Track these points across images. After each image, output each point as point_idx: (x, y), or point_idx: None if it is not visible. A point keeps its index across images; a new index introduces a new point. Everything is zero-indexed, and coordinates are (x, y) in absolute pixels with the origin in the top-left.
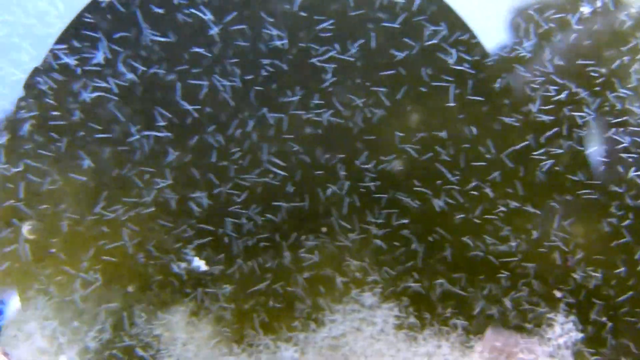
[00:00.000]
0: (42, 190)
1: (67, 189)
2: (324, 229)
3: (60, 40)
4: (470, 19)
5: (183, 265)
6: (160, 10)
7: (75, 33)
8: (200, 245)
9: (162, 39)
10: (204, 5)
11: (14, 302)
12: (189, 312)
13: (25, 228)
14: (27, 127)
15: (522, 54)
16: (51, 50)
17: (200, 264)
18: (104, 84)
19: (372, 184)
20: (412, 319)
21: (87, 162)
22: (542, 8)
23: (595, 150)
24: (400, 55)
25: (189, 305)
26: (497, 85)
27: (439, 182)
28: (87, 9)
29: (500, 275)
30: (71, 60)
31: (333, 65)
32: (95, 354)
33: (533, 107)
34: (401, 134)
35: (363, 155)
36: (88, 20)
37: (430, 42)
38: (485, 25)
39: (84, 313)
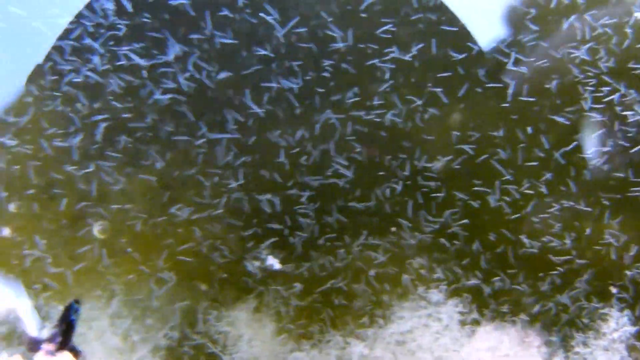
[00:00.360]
0: (113, 191)
1: (138, 190)
2: (393, 228)
3: (129, 41)
4: (525, 23)
5: (257, 263)
6: (226, 12)
7: (144, 34)
8: (272, 245)
9: (228, 41)
10: (269, 5)
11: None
12: (255, 309)
13: (97, 228)
14: (101, 128)
15: (575, 55)
16: (121, 51)
17: (274, 262)
18: (173, 85)
19: (433, 182)
20: (475, 315)
21: (158, 163)
22: (597, 13)
23: None
24: (458, 56)
25: (256, 302)
26: (550, 85)
27: (496, 181)
28: (154, 9)
29: (556, 272)
30: (141, 61)
31: (392, 66)
32: (167, 351)
33: (585, 106)
34: (458, 134)
35: (423, 154)
36: (155, 20)
37: (488, 44)
38: (543, 27)
39: (157, 311)
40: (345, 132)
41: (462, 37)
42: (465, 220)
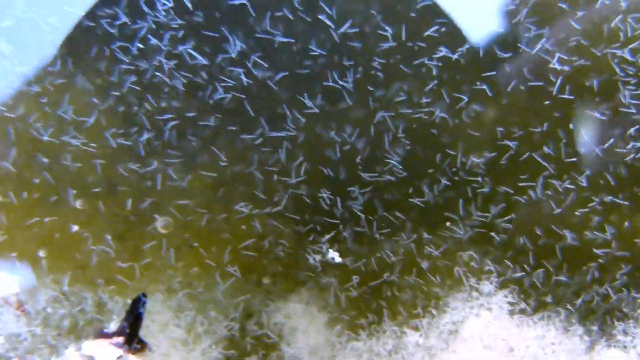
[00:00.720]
0: (177, 187)
1: (201, 186)
2: (448, 223)
3: (191, 39)
4: (570, 23)
5: (318, 257)
6: (284, 12)
7: (204, 34)
8: (332, 239)
9: (285, 39)
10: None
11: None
12: (312, 301)
13: (160, 224)
14: (169, 126)
15: (616, 54)
16: (185, 50)
17: (334, 255)
18: (233, 83)
19: (480, 178)
20: (522, 305)
21: (220, 160)
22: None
23: None
24: (504, 55)
25: (314, 293)
26: (591, 83)
27: (539, 176)
28: (218, 10)
29: (597, 264)
30: (203, 60)
31: (439, 64)
32: (229, 342)
33: (623, 100)
34: (502, 130)
35: (470, 150)
36: (216, 20)
37: (532, 44)
38: (586, 28)
39: (219, 304)
40: (397, 129)
41: (507, 36)
42: (511, 215)
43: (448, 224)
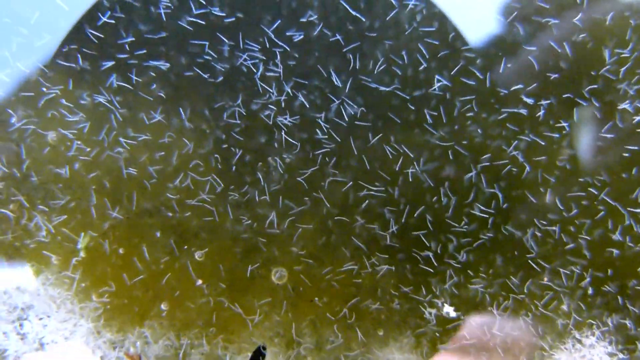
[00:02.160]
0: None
1: (312, 237)
2: (545, 279)
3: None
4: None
5: (434, 311)
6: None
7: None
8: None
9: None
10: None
11: None
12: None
13: (275, 275)
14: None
15: None
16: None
17: (449, 310)
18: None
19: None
20: (622, 356)
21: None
22: None
23: None
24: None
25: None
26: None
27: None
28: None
29: None
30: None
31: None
32: None
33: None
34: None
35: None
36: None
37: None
38: None
39: (331, 354)
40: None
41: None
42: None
43: (546, 279)
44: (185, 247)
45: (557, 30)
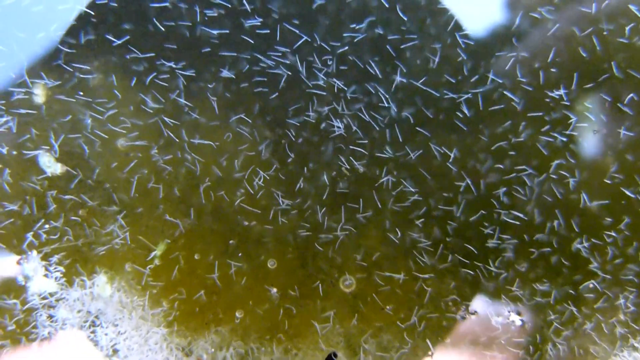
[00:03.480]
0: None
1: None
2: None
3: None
4: None
5: (500, 319)
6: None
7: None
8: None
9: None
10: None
11: None
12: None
13: (344, 283)
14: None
15: None
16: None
17: (515, 318)
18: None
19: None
20: None
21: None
22: None
23: None
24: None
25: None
26: None
27: None
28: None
29: None
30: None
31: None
32: None
33: None
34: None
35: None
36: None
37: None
38: None
39: None
40: None
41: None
42: None
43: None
44: (261, 256)
45: None
